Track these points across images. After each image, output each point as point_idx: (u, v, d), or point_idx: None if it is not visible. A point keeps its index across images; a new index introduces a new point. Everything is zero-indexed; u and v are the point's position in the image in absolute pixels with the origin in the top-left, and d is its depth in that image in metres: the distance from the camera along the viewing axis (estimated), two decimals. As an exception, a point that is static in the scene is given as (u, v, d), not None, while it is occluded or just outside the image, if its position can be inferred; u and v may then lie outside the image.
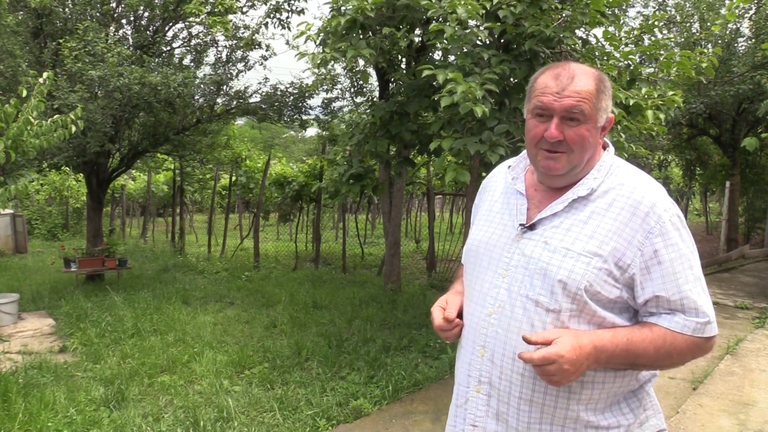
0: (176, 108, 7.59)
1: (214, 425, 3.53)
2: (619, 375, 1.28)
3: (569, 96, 1.27)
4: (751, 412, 3.96)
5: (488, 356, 1.33)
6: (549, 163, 1.31)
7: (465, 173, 3.84)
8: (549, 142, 1.29)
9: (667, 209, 1.26)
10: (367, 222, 15.94)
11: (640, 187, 1.28)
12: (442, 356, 4.84)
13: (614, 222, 1.26)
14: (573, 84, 1.28)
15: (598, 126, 1.31)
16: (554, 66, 1.34)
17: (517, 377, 1.28)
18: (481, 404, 1.35)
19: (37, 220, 15.63)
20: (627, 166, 1.36)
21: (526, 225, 1.35)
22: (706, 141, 14.46)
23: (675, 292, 1.23)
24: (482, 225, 1.47)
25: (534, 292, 1.27)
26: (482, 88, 3.54)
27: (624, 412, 1.31)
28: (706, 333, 1.25)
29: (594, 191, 1.31)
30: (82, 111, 4.57)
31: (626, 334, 1.23)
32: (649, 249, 1.23)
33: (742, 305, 7.30)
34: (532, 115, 1.34)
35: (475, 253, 1.44)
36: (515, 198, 1.42)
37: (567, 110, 1.27)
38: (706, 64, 4.24)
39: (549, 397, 1.27)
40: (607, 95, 1.33)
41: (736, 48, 10.45)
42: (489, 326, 1.34)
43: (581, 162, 1.31)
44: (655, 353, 1.23)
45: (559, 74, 1.30)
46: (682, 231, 1.26)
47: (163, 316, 5.95)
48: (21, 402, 3.66)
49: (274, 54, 8.68)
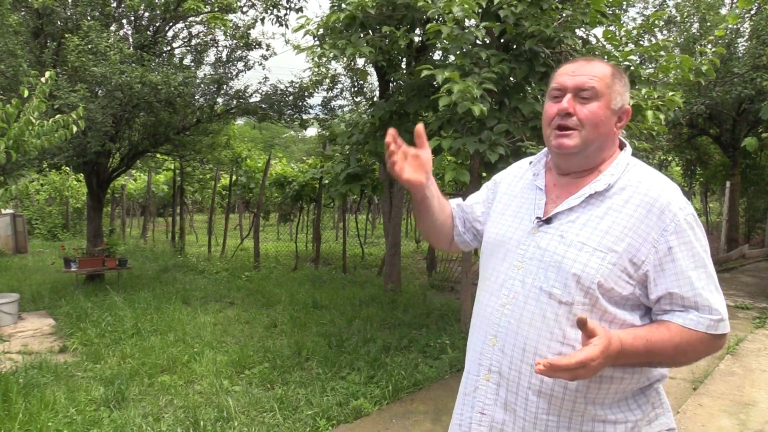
0: (177, 108, 7.59)
1: (214, 425, 3.53)
2: (629, 372, 1.29)
3: (583, 74, 1.33)
4: (752, 412, 3.96)
5: (500, 346, 1.35)
6: (561, 140, 1.34)
7: (464, 173, 3.84)
8: (561, 117, 1.33)
9: (683, 208, 1.27)
10: (367, 222, 15.94)
11: (656, 186, 1.30)
12: (442, 356, 4.84)
13: (630, 219, 1.27)
14: (588, 66, 1.35)
15: (612, 107, 1.33)
16: (576, 59, 1.41)
17: (526, 368, 1.30)
18: (490, 393, 1.37)
19: (37, 220, 15.63)
20: (643, 165, 1.38)
21: (542, 218, 1.37)
22: (707, 141, 14.46)
23: (688, 289, 1.24)
24: (500, 218, 1.49)
25: (548, 284, 1.29)
26: (480, 88, 3.54)
27: (632, 408, 1.32)
28: (719, 330, 1.26)
29: (611, 187, 1.32)
30: (84, 110, 4.57)
31: (645, 335, 1.24)
32: (663, 246, 1.25)
33: (742, 305, 7.30)
34: (549, 98, 1.39)
35: (492, 244, 1.47)
36: (534, 193, 1.45)
37: (579, 86, 1.32)
38: (706, 67, 4.23)
39: (558, 389, 1.28)
40: (622, 83, 1.36)
41: (737, 48, 10.45)
42: (502, 317, 1.35)
43: (593, 142, 1.33)
44: (673, 351, 1.25)
45: (576, 60, 1.40)
46: (696, 230, 1.27)
47: (163, 316, 5.95)
48: (21, 402, 3.66)
49: (274, 53, 8.69)
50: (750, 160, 13.62)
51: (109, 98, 6.51)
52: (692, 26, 10.69)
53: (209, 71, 8.33)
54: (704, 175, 15.97)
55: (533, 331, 1.29)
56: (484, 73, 3.70)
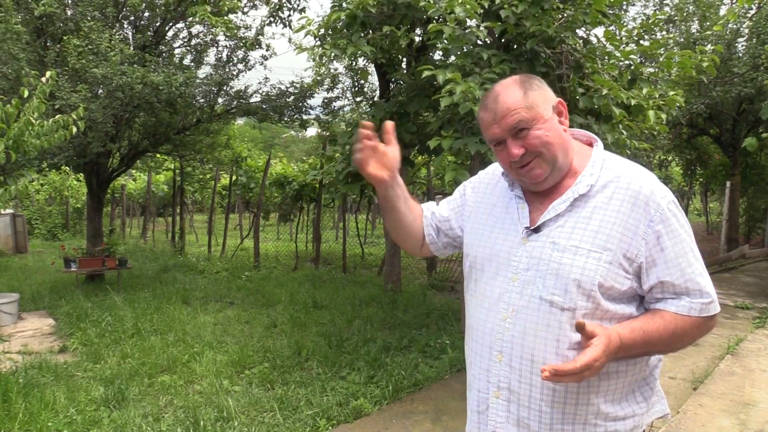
0: (177, 108, 7.59)
1: (214, 425, 3.53)
2: (631, 363, 1.31)
3: (503, 116, 1.32)
4: (752, 412, 3.96)
5: (506, 361, 1.34)
6: (530, 173, 1.34)
7: (465, 173, 3.83)
8: (518, 161, 1.33)
9: (664, 196, 1.29)
10: (367, 222, 15.94)
11: (636, 178, 1.31)
12: (442, 356, 4.84)
13: (617, 215, 1.28)
14: (500, 104, 1.33)
15: (546, 119, 1.33)
16: (484, 98, 1.40)
17: (536, 380, 1.29)
18: (501, 410, 1.36)
19: (37, 220, 15.63)
20: (617, 158, 1.39)
21: (531, 228, 1.36)
22: (707, 141, 14.45)
23: (679, 276, 1.26)
24: (483, 232, 1.48)
25: (547, 293, 1.28)
26: (482, 88, 3.54)
27: (638, 401, 1.34)
28: (710, 312, 1.28)
29: (593, 187, 1.33)
30: (84, 111, 4.56)
31: (641, 326, 1.25)
32: (652, 237, 1.26)
33: (742, 305, 7.30)
34: (493, 146, 1.39)
35: (481, 260, 1.45)
36: (515, 202, 1.43)
37: (510, 129, 1.32)
38: (707, 64, 4.23)
39: (570, 395, 1.28)
40: (536, 88, 1.34)
41: (736, 48, 10.45)
42: (505, 331, 1.34)
43: (556, 156, 1.33)
44: (669, 339, 1.27)
45: (487, 105, 1.37)
46: (679, 216, 1.29)
47: (163, 316, 5.95)
48: (21, 402, 3.66)
49: (274, 54, 8.68)
50: (750, 159, 13.61)
51: (110, 98, 6.51)
52: (692, 26, 10.69)
53: (210, 71, 8.33)
54: (704, 175, 15.97)
55: (539, 341, 1.28)
56: (486, 73, 3.69)
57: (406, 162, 5.47)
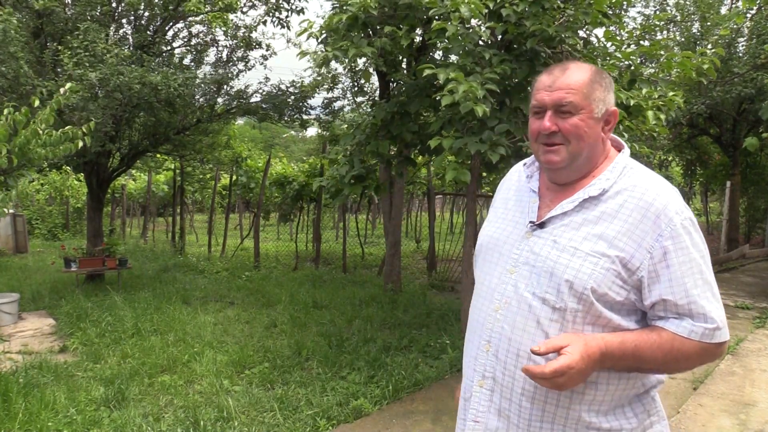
0: (177, 108, 7.58)
1: (214, 425, 3.53)
2: (624, 377, 1.27)
3: (559, 89, 1.30)
4: (752, 412, 3.96)
5: (493, 351, 1.33)
6: (548, 156, 1.33)
7: (465, 173, 3.83)
8: (545, 135, 1.32)
9: (679, 212, 1.24)
10: (367, 222, 15.93)
11: (652, 189, 1.27)
12: (442, 356, 4.84)
13: (624, 224, 1.25)
14: (564, 77, 1.31)
15: (594, 116, 1.31)
16: (554, 65, 1.38)
17: (520, 374, 1.28)
18: (484, 399, 1.35)
19: (37, 219, 15.63)
20: (642, 168, 1.35)
21: (536, 222, 1.35)
22: (707, 141, 14.45)
23: (682, 297, 1.22)
24: (494, 221, 1.49)
25: (541, 290, 1.27)
26: (483, 88, 3.54)
27: (628, 417, 1.30)
28: (714, 339, 1.23)
29: (606, 192, 1.30)
30: (94, 125, 4.55)
31: (634, 339, 1.22)
32: (658, 252, 1.22)
33: (742, 305, 7.30)
34: (531, 113, 1.37)
35: (485, 248, 1.45)
36: (528, 195, 1.43)
37: (557, 103, 1.30)
38: (707, 65, 4.22)
39: (551, 395, 1.26)
40: (603, 87, 1.33)
41: (737, 48, 10.45)
42: (495, 321, 1.34)
43: (581, 153, 1.32)
44: (663, 358, 1.22)
45: (552, 71, 1.35)
46: (693, 235, 1.24)
47: (163, 316, 5.95)
48: (21, 402, 3.66)
49: (274, 53, 8.68)
50: (750, 159, 13.61)
51: (109, 99, 6.51)
52: (693, 26, 10.69)
53: (209, 71, 8.33)
54: (704, 175, 15.96)
55: (527, 337, 1.27)
56: (487, 73, 3.69)
57: (408, 161, 5.47)
